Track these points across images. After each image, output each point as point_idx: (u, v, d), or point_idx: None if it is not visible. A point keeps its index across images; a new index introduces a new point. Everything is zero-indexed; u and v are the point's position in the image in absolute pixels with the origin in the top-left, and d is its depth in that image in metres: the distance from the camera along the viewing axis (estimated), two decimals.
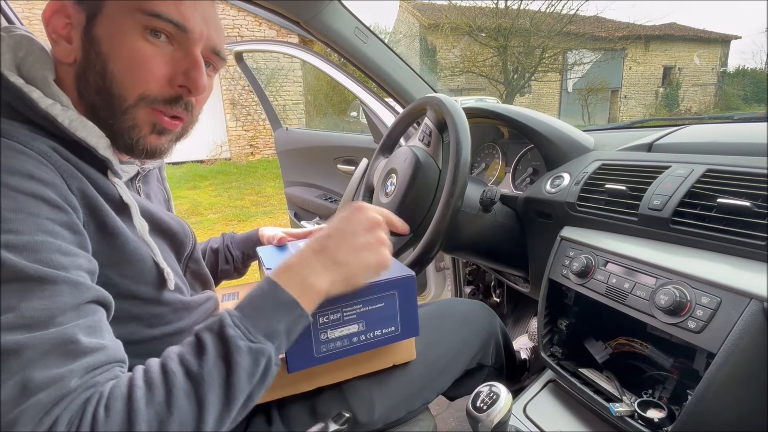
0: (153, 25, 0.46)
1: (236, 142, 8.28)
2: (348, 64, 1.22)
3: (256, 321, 0.42)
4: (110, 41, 0.46)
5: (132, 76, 0.46)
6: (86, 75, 0.47)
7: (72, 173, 0.43)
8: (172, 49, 0.48)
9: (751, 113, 0.97)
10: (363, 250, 0.50)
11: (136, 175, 0.57)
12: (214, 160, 8.08)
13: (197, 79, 0.49)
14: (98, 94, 0.47)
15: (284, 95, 8.34)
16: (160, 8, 0.45)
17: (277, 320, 0.43)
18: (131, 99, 0.47)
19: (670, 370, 0.66)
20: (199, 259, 0.67)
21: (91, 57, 0.46)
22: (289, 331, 0.44)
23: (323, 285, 0.47)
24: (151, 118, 0.49)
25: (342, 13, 1.08)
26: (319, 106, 9.94)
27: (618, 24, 15.31)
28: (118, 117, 0.48)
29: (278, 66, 8.09)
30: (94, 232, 0.44)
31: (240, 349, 0.40)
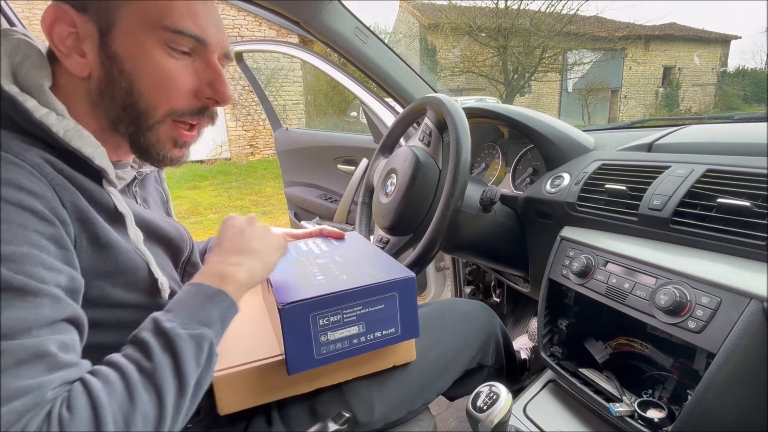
0: (175, 41, 0.47)
1: (236, 142, 8.28)
2: (348, 64, 1.22)
3: (189, 314, 0.43)
4: (134, 58, 0.46)
5: (160, 94, 0.48)
6: (110, 92, 0.47)
7: (64, 186, 0.43)
8: (192, 60, 0.49)
9: (751, 113, 0.97)
10: (258, 236, 0.55)
11: (133, 179, 0.57)
12: (214, 160, 8.08)
13: (224, 90, 0.51)
14: (125, 111, 0.48)
15: (284, 95, 8.34)
16: (181, 24, 0.46)
17: (210, 309, 0.45)
18: (159, 115, 0.49)
19: (670, 370, 0.66)
20: (197, 263, 0.67)
21: (114, 74, 0.46)
22: (222, 319, 0.45)
23: (243, 274, 0.49)
24: (172, 133, 0.51)
25: (342, 13, 1.08)
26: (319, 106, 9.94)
27: (618, 24, 15.30)
28: (144, 133, 0.49)
29: (278, 66, 8.09)
30: (86, 245, 0.44)
31: (181, 337, 0.41)
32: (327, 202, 1.76)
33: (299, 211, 1.94)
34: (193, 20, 0.47)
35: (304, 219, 1.89)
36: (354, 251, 0.70)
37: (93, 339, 0.47)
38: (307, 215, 1.88)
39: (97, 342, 0.47)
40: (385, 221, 0.86)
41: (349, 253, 0.69)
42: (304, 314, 0.52)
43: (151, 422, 0.37)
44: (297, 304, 0.51)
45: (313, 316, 0.52)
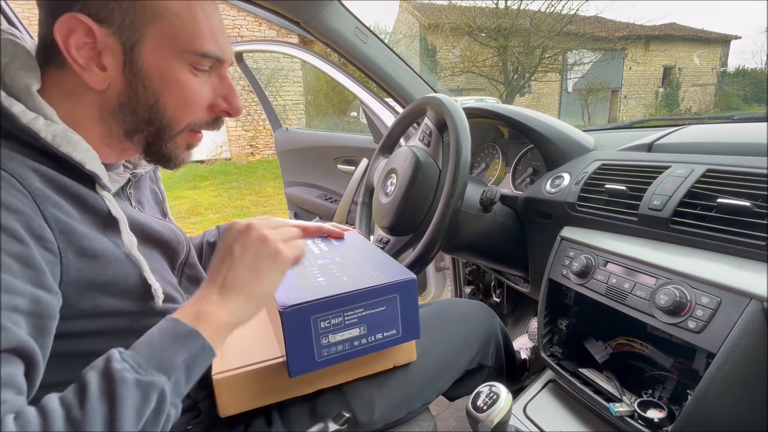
0: (200, 62, 0.49)
1: (236, 142, 8.27)
2: (348, 64, 1.22)
3: (149, 355, 0.38)
4: (160, 76, 0.47)
5: (183, 109, 0.50)
6: (132, 106, 0.48)
7: (47, 197, 0.41)
8: (209, 76, 0.52)
9: (751, 113, 0.97)
10: (250, 260, 0.46)
11: (128, 182, 0.56)
12: (214, 160, 8.08)
13: (237, 104, 0.54)
14: (149, 124, 0.49)
15: (284, 95, 8.34)
16: (207, 48, 0.48)
17: (174, 352, 0.39)
18: (181, 127, 0.51)
19: (670, 370, 0.66)
20: (195, 264, 0.66)
21: (140, 90, 0.47)
22: (189, 365, 0.40)
23: (224, 314, 0.43)
24: (188, 140, 0.54)
25: (342, 13, 1.08)
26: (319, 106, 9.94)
27: (618, 24, 15.30)
28: (164, 143, 0.51)
29: (278, 66, 8.09)
30: (72, 257, 0.43)
31: (125, 382, 0.35)
32: (327, 202, 1.76)
33: (299, 211, 1.94)
34: (215, 42, 0.49)
35: (304, 219, 1.89)
36: (354, 251, 0.70)
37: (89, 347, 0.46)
38: (307, 215, 1.88)
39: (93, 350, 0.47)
40: (385, 221, 0.86)
41: (350, 253, 0.69)
42: (305, 317, 0.52)
43: None
44: (298, 307, 0.51)
45: (314, 318, 0.52)
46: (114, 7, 0.44)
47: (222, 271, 0.46)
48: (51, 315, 0.40)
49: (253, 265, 0.46)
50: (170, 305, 0.55)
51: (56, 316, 0.41)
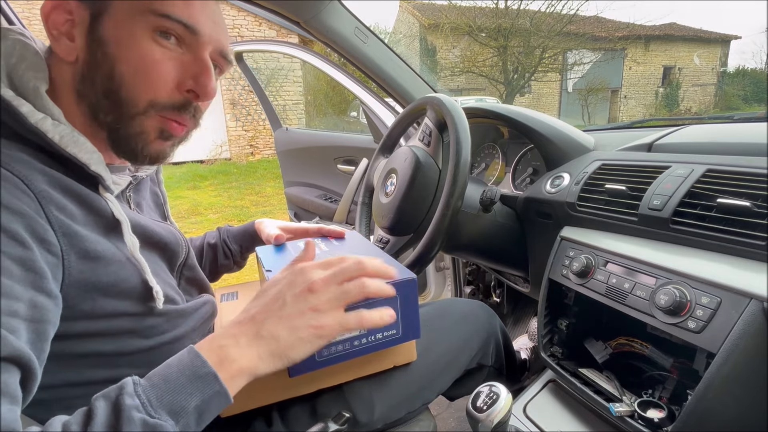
0: (163, 25, 0.45)
1: (236, 142, 8.28)
2: (348, 64, 1.22)
3: (162, 393, 0.36)
4: (118, 42, 0.45)
5: (142, 80, 0.46)
6: (92, 76, 0.46)
7: (53, 199, 0.41)
8: (181, 52, 0.48)
9: (751, 113, 0.97)
10: (295, 320, 0.43)
11: (128, 184, 0.56)
12: (214, 160, 8.08)
13: (207, 84, 0.49)
14: (106, 97, 0.46)
15: (284, 95, 8.34)
16: (170, 9, 0.45)
17: (188, 394, 0.37)
18: (141, 105, 0.47)
19: (670, 370, 0.66)
20: (194, 265, 0.66)
21: (98, 58, 0.45)
22: (200, 410, 0.37)
23: (247, 360, 0.40)
24: (159, 125, 0.49)
25: (342, 13, 1.08)
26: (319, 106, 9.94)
27: (618, 24, 15.31)
28: (125, 122, 0.47)
29: (278, 66, 8.09)
30: (74, 259, 0.42)
31: (132, 422, 0.34)
32: (327, 202, 1.76)
33: (299, 211, 1.94)
34: (186, 8, 0.46)
35: (304, 219, 1.89)
36: (354, 252, 0.70)
37: (90, 348, 0.47)
38: (307, 215, 1.88)
39: (94, 350, 0.47)
40: (385, 221, 0.86)
41: (350, 253, 0.69)
42: None
43: None
44: None
45: None
46: None
47: (265, 318, 0.43)
48: (50, 321, 0.39)
49: (294, 328, 0.42)
50: (170, 306, 0.55)
51: (55, 323, 0.40)
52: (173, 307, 0.56)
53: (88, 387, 0.46)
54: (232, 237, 0.82)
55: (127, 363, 0.50)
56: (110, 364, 0.49)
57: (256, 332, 0.42)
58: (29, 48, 0.46)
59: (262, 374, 0.42)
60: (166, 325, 0.54)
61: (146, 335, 0.51)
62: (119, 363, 0.49)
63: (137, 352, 0.51)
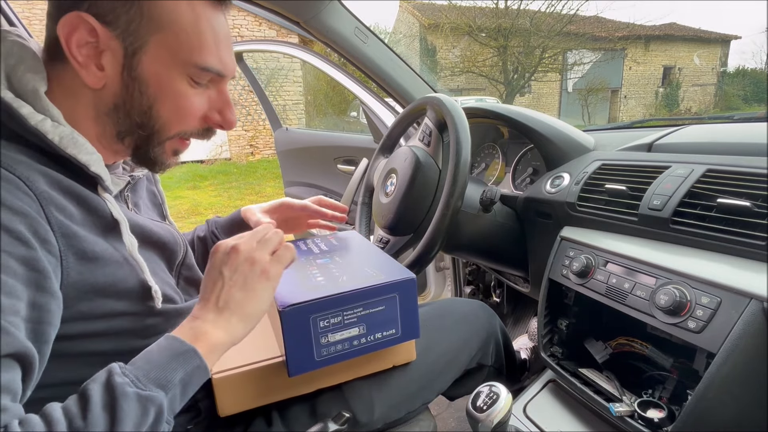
0: (200, 75, 0.49)
1: (236, 142, 8.28)
2: (348, 64, 1.22)
3: (148, 370, 0.39)
4: (159, 85, 0.47)
5: (176, 117, 0.50)
6: (126, 109, 0.48)
7: (53, 200, 0.42)
8: (207, 88, 0.52)
9: (751, 113, 0.97)
10: (240, 280, 0.47)
11: (126, 184, 0.57)
12: (214, 160, 8.08)
13: (231, 119, 0.54)
14: (140, 128, 0.49)
15: (284, 95, 8.34)
16: (209, 62, 0.48)
17: (172, 369, 0.40)
18: (171, 134, 0.51)
19: (670, 370, 0.66)
20: (192, 265, 0.66)
21: (135, 95, 0.47)
22: (185, 382, 0.41)
23: (220, 332, 0.45)
24: (176, 146, 0.54)
25: (342, 13, 1.08)
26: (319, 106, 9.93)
27: (618, 24, 15.30)
28: (152, 147, 0.51)
29: (278, 66, 8.09)
30: (73, 260, 0.43)
31: (127, 396, 0.36)
32: None
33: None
34: (218, 57, 0.49)
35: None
36: (354, 251, 0.70)
37: (89, 347, 0.47)
38: None
39: (93, 350, 0.47)
40: (385, 221, 0.86)
41: (349, 253, 0.69)
42: (305, 316, 0.52)
43: None
44: (297, 307, 0.51)
45: (314, 318, 0.52)
46: (121, 12, 0.44)
47: (215, 292, 0.47)
48: (50, 323, 0.40)
49: (244, 286, 0.47)
50: (169, 306, 0.55)
51: (56, 324, 0.41)
52: (172, 306, 0.56)
53: None
54: (220, 228, 0.82)
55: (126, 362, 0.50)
56: (109, 363, 0.48)
57: (214, 305, 0.46)
58: (27, 49, 0.46)
59: (239, 340, 0.46)
60: (165, 325, 0.54)
61: (145, 335, 0.52)
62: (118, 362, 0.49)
63: (136, 351, 0.50)
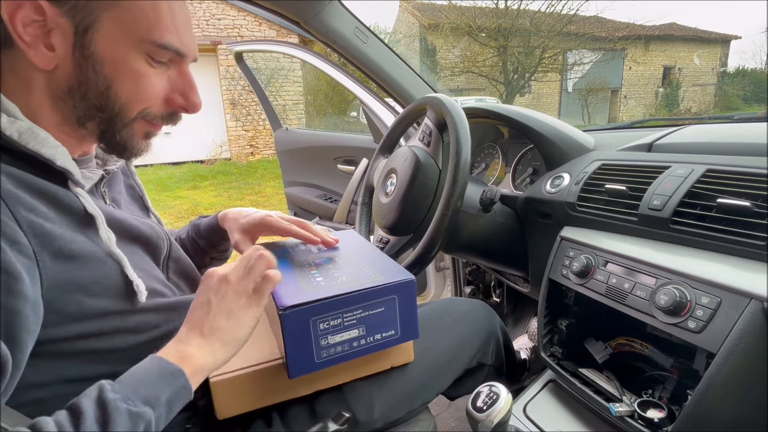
0: (158, 53, 0.47)
1: (236, 142, 8.27)
2: (348, 64, 1.22)
3: (136, 388, 0.40)
4: (114, 63, 0.45)
5: (136, 97, 0.48)
6: (83, 91, 0.46)
7: (19, 200, 0.41)
8: (167, 68, 0.50)
9: (751, 113, 0.97)
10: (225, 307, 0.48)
11: (101, 179, 0.55)
12: (214, 160, 8.08)
13: (195, 101, 0.52)
14: (99, 111, 0.47)
15: (284, 95, 8.34)
16: (167, 39, 0.47)
17: (159, 389, 0.41)
18: (132, 115, 0.49)
19: (670, 370, 0.66)
20: (180, 257, 0.65)
21: (90, 75, 0.45)
22: (170, 403, 0.41)
23: (204, 355, 0.45)
24: (146, 128, 0.52)
25: (342, 13, 1.08)
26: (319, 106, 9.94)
27: (618, 24, 15.29)
28: (117, 130, 0.49)
29: (278, 66, 8.09)
30: (49, 260, 0.42)
31: (119, 411, 0.37)
32: (327, 202, 1.76)
33: (299, 211, 1.94)
34: (176, 34, 0.48)
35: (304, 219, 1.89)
36: (353, 252, 0.70)
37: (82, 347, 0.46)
38: (307, 215, 1.88)
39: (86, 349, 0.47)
40: (385, 221, 0.86)
41: (349, 253, 0.69)
42: (305, 318, 0.52)
43: None
44: (297, 309, 0.51)
45: (314, 320, 0.52)
46: None
47: (202, 319, 0.48)
48: (24, 327, 0.38)
49: (229, 315, 0.48)
50: (160, 300, 0.54)
51: (32, 329, 0.40)
52: (163, 300, 0.55)
53: (84, 383, 0.46)
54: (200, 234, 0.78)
55: (121, 359, 0.49)
56: (105, 361, 0.49)
57: (200, 331, 0.47)
58: None
59: (221, 364, 0.47)
60: (157, 320, 0.53)
61: (138, 331, 0.51)
62: (113, 359, 0.49)
63: (130, 348, 0.50)
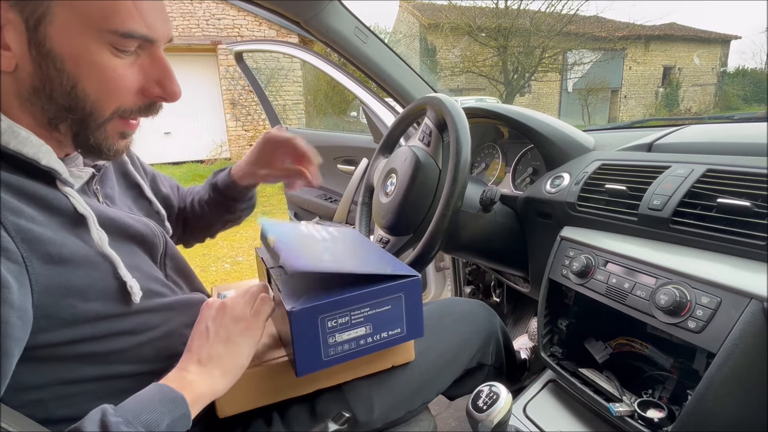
0: (122, 43, 0.43)
1: (236, 142, 8.27)
2: (348, 64, 1.22)
3: (138, 414, 0.40)
4: (75, 59, 0.42)
5: (107, 94, 0.45)
6: (48, 91, 0.43)
7: (5, 205, 0.39)
8: (137, 56, 0.47)
9: (751, 113, 0.97)
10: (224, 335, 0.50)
11: (92, 177, 0.53)
12: (214, 160, 8.08)
13: (172, 88, 0.49)
14: (69, 111, 0.44)
15: (284, 95, 8.33)
16: (129, 26, 0.43)
17: (160, 414, 0.41)
18: (107, 114, 0.46)
19: (670, 370, 0.66)
20: (174, 253, 0.64)
21: (51, 73, 0.42)
22: (170, 429, 0.41)
23: (205, 384, 0.46)
24: (120, 128, 0.49)
25: (342, 13, 1.08)
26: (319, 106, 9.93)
27: (618, 24, 15.30)
28: (92, 132, 0.46)
29: (278, 66, 8.09)
30: (38, 265, 0.40)
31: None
32: (327, 202, 1.76)
33: (299, 211, 1.94)
34: (140, 19, 0.43)
35: (304, 219, 1.89)
36: (353, 248, 0.70)
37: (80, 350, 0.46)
38: (307, 215, 1.88)
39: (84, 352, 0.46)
40: (385, 221, 0.86)
41: (351, 246, 0.69)
42: (313, 317, 0.52)
43: None
44: (306, 308, 0.51)
45: (322, 318, 0.52)
46: None
47: (199, 347, 0.49)
48: (11, 335, 0.37)
49: (227, 341, 0.49)
50: (158, 300, 0.53)
51: (21, 338, 0.39)
52: (160, 300, 0.54)
53: (84, 384, 0.47)
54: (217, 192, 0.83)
55: (121, 360, 0.49)
56: (104, 362, 0.48)
57: (198, 359, 0.48)
58: None
59: (221, 393, 0.48)
60: (156, 320, 0.53)
61: (135, 332, 0.50)
62: (112, 360, 0.49)
63: (129, 350, 0.50)
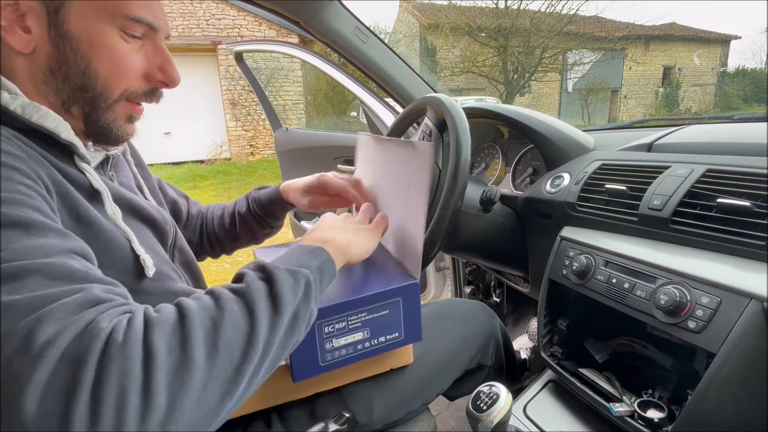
0: (131, 26, 0.48)
1: (236, 142, 8.27)
2: (348, 64, 1.22)
3: (288, 259, 0.45)
4: (90, 40, 0.46)
5: (117, 74, 0.49)
6: (64, 72, 0.46)
7: (38, 160, 0.42)
8: (142, 44, 0.51)
9: (751, 113, 0.97)
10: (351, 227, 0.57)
11: (106, 160, 0.56)
12: (214, 160, 8.08)
13: (173, 74, 0.53)
14: (82, 91, 0.48)
15: (284, 95, 8.34)
16: (138, 13, 0.48)
17: (308, 260, 0.46)
18: (116, 95, 0.50)
19: (670, 370, 0.66)
20: (184, 248, 0.65)
21: (69, 54, 0.46)
22: (321, 270, 0.46)
23: (340, 240, 0.52)
24: (128, 110, 0.52)
25: (342, 13, 1.08)
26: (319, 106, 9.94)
27: (618, 24, 15.30)
28: (101, 111, 0.49)
29: (278, 66, 8.09)
30: (68, 221, 0.43)
31: (279, 269, 0.42)
32: None
33: (299, 211, 1.94)
34: (147, 9, 0.49)
35: (304, 219, 1.89)
36: None
37: None
38: (307, 215, 1.88)
39: None
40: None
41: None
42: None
43: (242, 334, 0.36)
44: None
45: (319, 324, 0.52)
46: None
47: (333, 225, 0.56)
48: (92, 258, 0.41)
49: (356, 232, 0.57)
50: (169, 284, 0.54)
51: None
52: (172, 285, 0.54)
53: None
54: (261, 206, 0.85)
55: None
56: None
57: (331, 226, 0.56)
58: None
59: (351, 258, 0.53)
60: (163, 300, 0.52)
61: None
62: None
63: None
